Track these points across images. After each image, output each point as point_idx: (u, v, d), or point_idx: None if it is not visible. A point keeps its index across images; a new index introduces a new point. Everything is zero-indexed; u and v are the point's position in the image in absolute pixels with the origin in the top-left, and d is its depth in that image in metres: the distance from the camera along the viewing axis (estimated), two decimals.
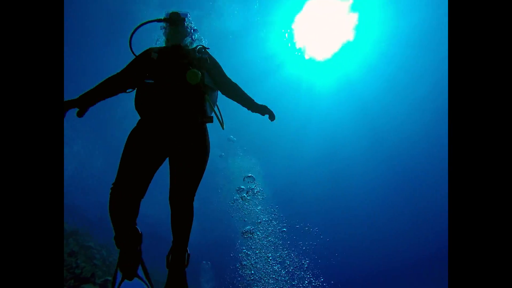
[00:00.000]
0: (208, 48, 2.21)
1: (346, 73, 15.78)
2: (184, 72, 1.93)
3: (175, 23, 2.11)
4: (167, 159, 2.09)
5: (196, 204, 2.05)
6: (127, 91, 2.10)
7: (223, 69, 2.23)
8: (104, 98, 2.03)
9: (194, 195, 2.06)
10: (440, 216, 18.62)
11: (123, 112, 14.58)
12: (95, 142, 16.91)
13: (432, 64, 15.27)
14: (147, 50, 2.13)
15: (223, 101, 2.32)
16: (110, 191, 1.90)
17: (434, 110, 16.87)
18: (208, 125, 2.18)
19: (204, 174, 2.10)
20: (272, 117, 2.23)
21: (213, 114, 2.17)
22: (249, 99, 2.23)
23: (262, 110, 2.21)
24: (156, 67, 2.02)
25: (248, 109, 2.25)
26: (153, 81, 1.99)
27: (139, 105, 2.01)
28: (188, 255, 2.03)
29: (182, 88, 1.96)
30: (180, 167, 2.01)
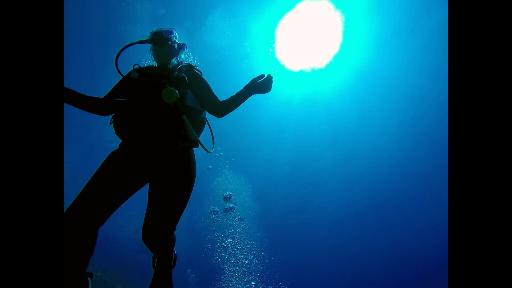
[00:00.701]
0: (196, 66, 2.07)
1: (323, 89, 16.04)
2: (160, 92, 1.77)
3: (158, 43, 1.97)
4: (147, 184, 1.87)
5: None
6: (110, 118, 1.91)
7: (211, 88, 2.06)
8: (78, 108, 1.87)
9: (175, 229, 1.85)
10: (416, 231, 18.76)
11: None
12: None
13: (412, 83, 15.75)
14: (131, 70, 2.00)
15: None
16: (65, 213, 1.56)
17: (411, 127, 17.33)
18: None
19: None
20: (265, 86, 1.97)
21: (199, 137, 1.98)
22: (238, 99, 2.01)
23: (253, 89, 1.99)
24: (134, 88, 1.88)
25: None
26: (129, 102, 1.86)
27: (117, 127, 1.85)
28: (175, 256, 1.91)
29: (158, 109, 1.80)
30: (158, 198, 1.79)
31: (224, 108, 2.02)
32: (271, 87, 2.00)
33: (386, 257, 19.21)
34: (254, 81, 1.99)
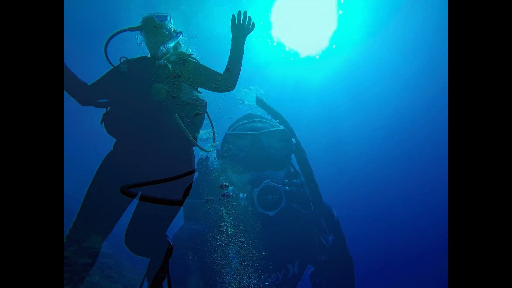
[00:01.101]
0: (191, 55, 1.89)
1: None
2: (149, 88, 1.63)
3: (150, 30, 1.77)
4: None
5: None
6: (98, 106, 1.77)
7: (211, 69, 1.87)
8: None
9: (165, 233, 1.77)
10: (409, 219, 18.98)
11: None
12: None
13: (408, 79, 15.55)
14: (119, 63, 1.82)
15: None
16: (69, 232, 1.54)
17: (405, 114, 17.24)
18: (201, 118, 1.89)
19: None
20: (246, 25, 1.81)
21: (199, 133, 1.87)
22: (234, 56, 1.84)
23: (238, 36, 1.82)
24: (123, 83, 1.72)
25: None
26: (117, 100, 1.72)
27: (107, 127, 1.71)
28: (171, 247, 1.84)
29: (148, 107, 1.65)
30: (150, 203, 1.59)
31: (229, 76, 1.83)
32: (252, 24, 1.82)
33: (377, 244, 19.53)
34: (233, 28, 1.81)
